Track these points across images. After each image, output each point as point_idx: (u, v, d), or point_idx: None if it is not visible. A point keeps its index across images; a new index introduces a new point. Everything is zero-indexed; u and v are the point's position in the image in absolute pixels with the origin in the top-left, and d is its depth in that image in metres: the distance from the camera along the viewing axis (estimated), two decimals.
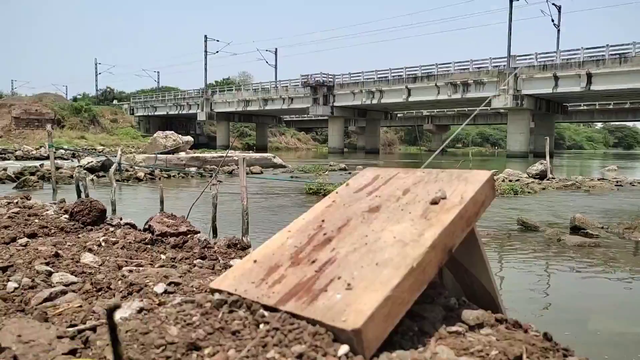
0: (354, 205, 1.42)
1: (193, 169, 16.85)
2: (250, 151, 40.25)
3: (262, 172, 17.46)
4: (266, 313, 1.02)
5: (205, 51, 55.44)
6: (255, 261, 1.22)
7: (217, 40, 55.96)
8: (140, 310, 1.17)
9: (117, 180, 10.57)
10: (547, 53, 33.88)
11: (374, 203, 1.40)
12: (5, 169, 13.42)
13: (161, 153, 18.34)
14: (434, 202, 1.31)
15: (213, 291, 1.15)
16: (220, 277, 1.20)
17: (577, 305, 3.75)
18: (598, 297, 4.01)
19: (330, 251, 1.19)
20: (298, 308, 1.01)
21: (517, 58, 34.81)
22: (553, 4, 40.33)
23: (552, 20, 40.42)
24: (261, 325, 0.98)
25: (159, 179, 14.16)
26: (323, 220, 1.36)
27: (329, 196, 1.54)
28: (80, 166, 14.51)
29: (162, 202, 6.84)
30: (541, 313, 3.49)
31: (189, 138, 20.81)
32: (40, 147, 31.26)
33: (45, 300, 1.43)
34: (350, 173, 17.76)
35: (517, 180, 13.09)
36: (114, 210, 7.83)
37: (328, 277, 1.08)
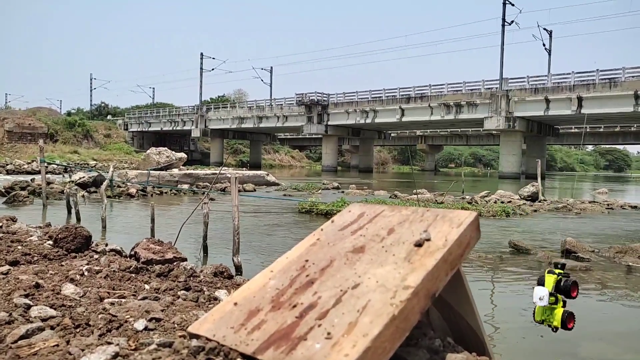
0: (338, 244, 1.41)
1: (186, 186, 16.80)
2: (244, 168, 40.25)
3: (255, 190, 17.43)
4: None
5: (201, 68, 55.92)
6: (235, 304, 1.20)
7: (213, 58, 56.57)
8: (115, 356, 1.14)
9: (109, 197, 10.49)
10: (538, 76, 34.43)
11: (358, 243, 1.38)
12: None
13: (154, 169, 18.29)
14: (418, 244, 1.30)
15: (192, 336, 1.13)
16: (200, 319, 1.17)
17: (568, 331, 3.72)
18: (590, 323, 3.99)
19: (312, 295, 1.17)
20: (276, 358, 0.99)
21: (509, 81, 35.34)
22: (544, 28, 41.24)
23: (544, 45, 41.25)
24: None
25: (151, 195, 14.09)
26: (307, 260, 1.35)
27: (313, 233, 1.52)
28: (72, 181, 14.41)
29: (152, 220, 6.78)
30: (532, 339, 3.46)
31: (183, 154, 20.81)
32: (32, 161, 31.06)
33: (22, 337, 1.39)
34: (343, 192, 17.76)
35: (509, 201, 13.16)
36: (104, 227, 7.75)
37: (308, 324, 1.07)
